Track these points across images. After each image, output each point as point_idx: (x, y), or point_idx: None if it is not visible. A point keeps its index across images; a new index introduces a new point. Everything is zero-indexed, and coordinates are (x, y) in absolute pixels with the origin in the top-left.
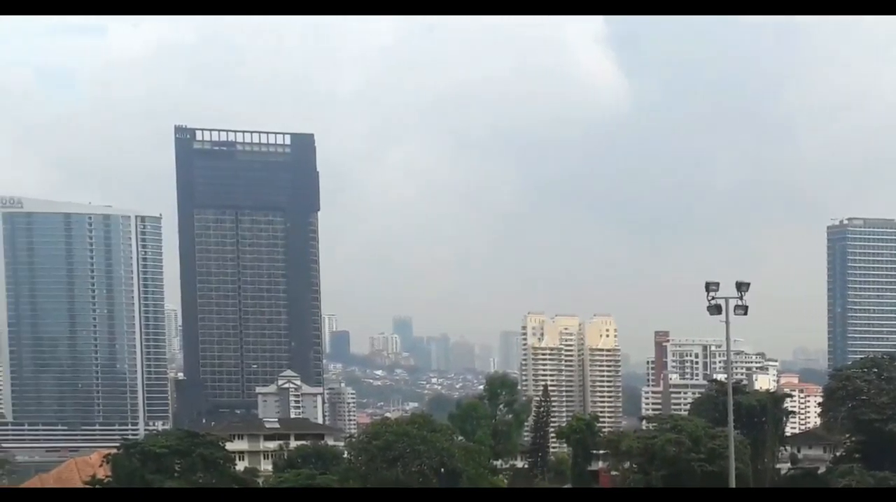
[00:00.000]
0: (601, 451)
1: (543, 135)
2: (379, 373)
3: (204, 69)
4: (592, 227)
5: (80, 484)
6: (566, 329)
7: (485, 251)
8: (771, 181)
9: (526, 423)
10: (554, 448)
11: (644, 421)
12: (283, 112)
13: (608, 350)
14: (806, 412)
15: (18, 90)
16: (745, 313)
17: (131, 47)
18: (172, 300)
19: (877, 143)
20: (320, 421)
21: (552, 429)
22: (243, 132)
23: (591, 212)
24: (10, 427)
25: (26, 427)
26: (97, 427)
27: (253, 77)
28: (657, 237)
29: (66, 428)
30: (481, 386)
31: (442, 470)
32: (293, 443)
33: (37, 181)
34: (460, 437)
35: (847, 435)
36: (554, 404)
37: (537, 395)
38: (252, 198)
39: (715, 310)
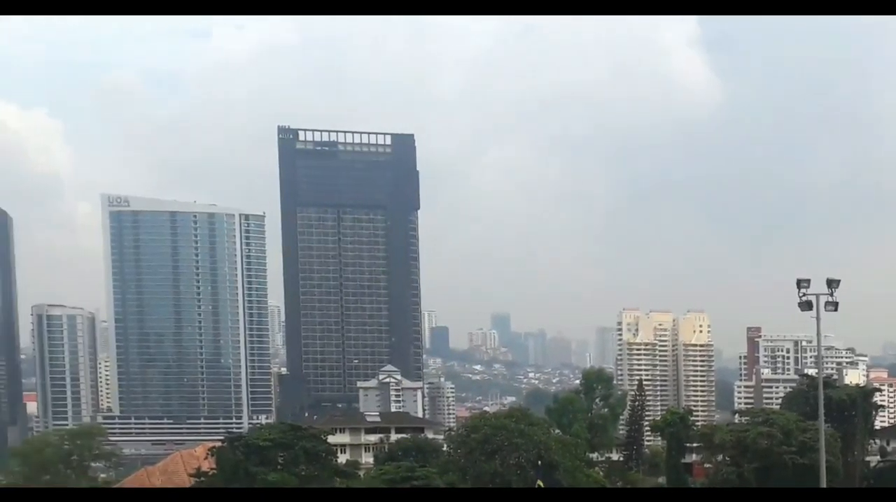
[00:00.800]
0: (695, 444)
1: (640, 135)
2: (477, 367)
3: (306, 71)
4: (687, 226)
5: (185, 477)
6: (660, 325)
7: (581, 249)
8: (867, 181)
9: (621, 417)
10: (649, 441)
11: (736, 415)
12: (384, 113)
13: (701, 345)
14: (895, 406)
15: (127, 92)
16: (836, 309)
17: (235, 50)
18: (276, 296)
19: None
20: (420, 414)
21: (647, 423)
22: (345, 132)
23: (687, 211)
24: (117, 420)
25: (133, 420)
26: (202, 420)
27: (354, 78)
28: (752, 236)
29: (171, 421)
30: (577, 381)
31: (539, 462)
32: (394, 437)
33: (144, 180)
34: (557, 431)
35: None
36: (648, 398)
37: (632, 390)
38: (353, 197)
39: (806, 306)
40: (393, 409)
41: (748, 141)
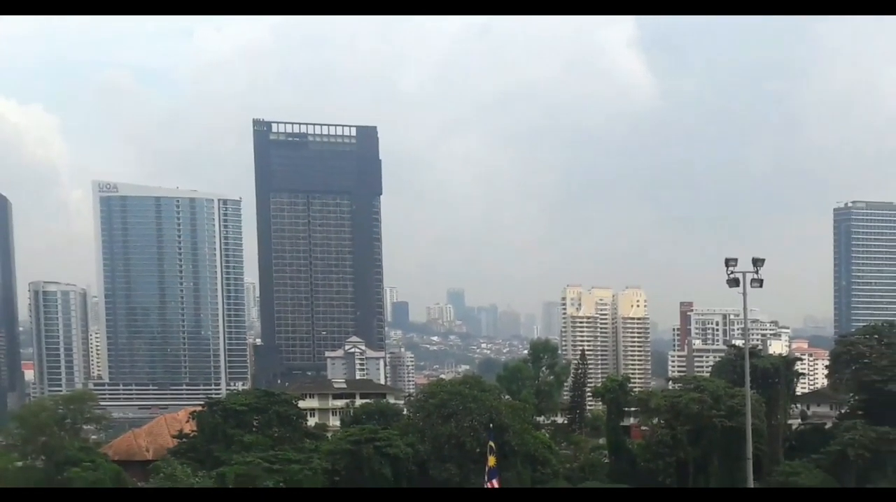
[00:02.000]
0: (632, 409)
1: (585, 128)
2: (434, 339)
3: (281, 68)
4: (628, 211)
5: (168, 439)
6: (601, 300)
7: (531, 232)
8: (792, 170)
9: (565, 384)
10: (590, 406)
11: (670, 382)
12: (352, 107)
13: (638, 318)
14: (814, 374)
15: (117, 89)
16: (761, 286)
17: (215, 49)
18: (251, 274)
19: (881, 135)
20: (383, 381)
21: (588, 389)
22: (314, 125)
23: (628, 197)
24: (106, 387)
25: (121, 387)
26: (184, 387)
27: (326, 75)
28: (687, 220)
29: (156, 387)
30: (525, 351)
31: (491, 425)
32: (358, 402)
33: (132, 169)
34: (507, 396)
35: (851, 395)
36: (590, 367)
37: (575, 359)
38: (321, 184)
39: (733, 282)
40: (357, 377)
41: (683, 133)
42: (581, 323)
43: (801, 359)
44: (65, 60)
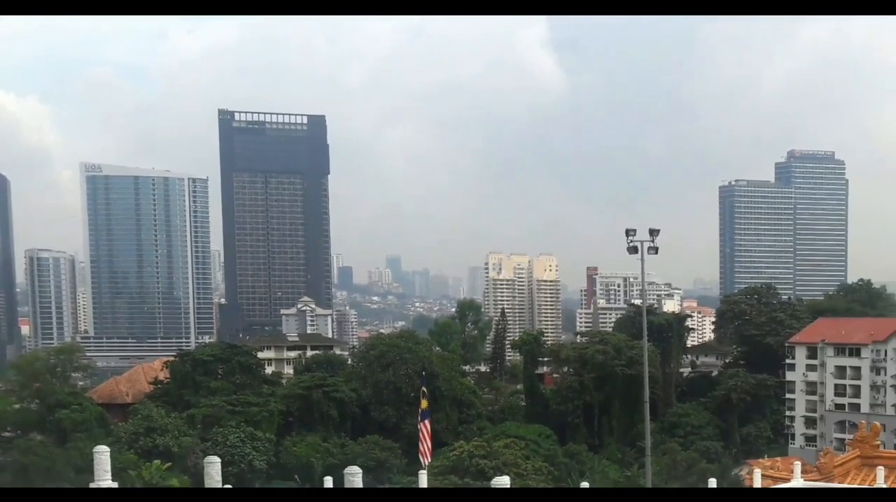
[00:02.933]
0: (545, 359)
1: (504, 117)
2: (375, 298)
3: (241, 65)
4: (542, 188)
5: (145, 385)
6: (519, 265)
7: (458, 205)
8: (681, 152)
9: (487, 338)
10: (509, 357)
11: (578, 336)
12: (303, 98)
13: (551, 281)
14: (702, 329)
15: (102, 83)
16: (656, 252)
17: (185, 49)
18: (216, 243)
19: (759, 122)
20: (330, 335)
21: (507, 342)
22: (270, 114)
23: (542, 176)
24: (91, 340)
25: (104, 340)
26: (158, 340)
27: (280, 70)
28: (592, 196)
29: (134, 340)
30: (453, 309)
31: (423, 373)
32: (309, 353)
33: (114, 152)
34: (437, 348)
35: (734, 347)
36: (508, 323)
37: (496, 316)
38: (277, 165)
39: (632, 250)
40: (308, 331)
41: (589, 121)
42: (501, 285)
43: (690, 317)
44: (57, 58)
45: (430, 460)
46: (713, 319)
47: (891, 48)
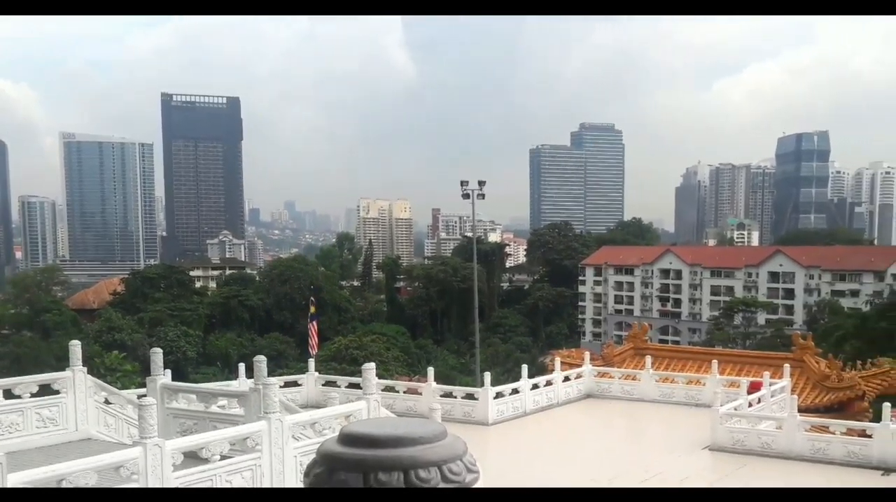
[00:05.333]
0: (401, 276)
1: (376, 96)
2: (276, 232)
3: (181, 58)
4: (403, 150)
5: (107, 296)
6: (382, 207)
7: (341, 162)
8: (505, 124)
9: (359, 261)
10: (375, 275)
11: (425, 260)
12: (224, 82)
13: (405, 219)
14: (517, 254)
15: (76, 73)
16: (483, 198)
17: (140, 46)
18: (160, 190)
19: (561, 102)
20: (243, 259)
21: (374, 264)
22: (199, 95)
23: (406, 141)
24: (67, 262)
25: (77, 262)
26: (117, 262)
27: (208, 60)
28: (440, 156)
29: (99, 263)
30: (334, 240)
31: (312, 286)
32: (227, 272)
33: (87, 124)
34: (322, 268)
35: (540, 268)
36: (374, 250)
37: (366, 245)
38: (204, 133)
39: (466, 196)
40: (227, 256)
41: (440, 100)
42: (369, 222)
43: (508, 245)
44: (42, 54)
45: (316, 351)
46: (525, 247)
47: (658, 48)
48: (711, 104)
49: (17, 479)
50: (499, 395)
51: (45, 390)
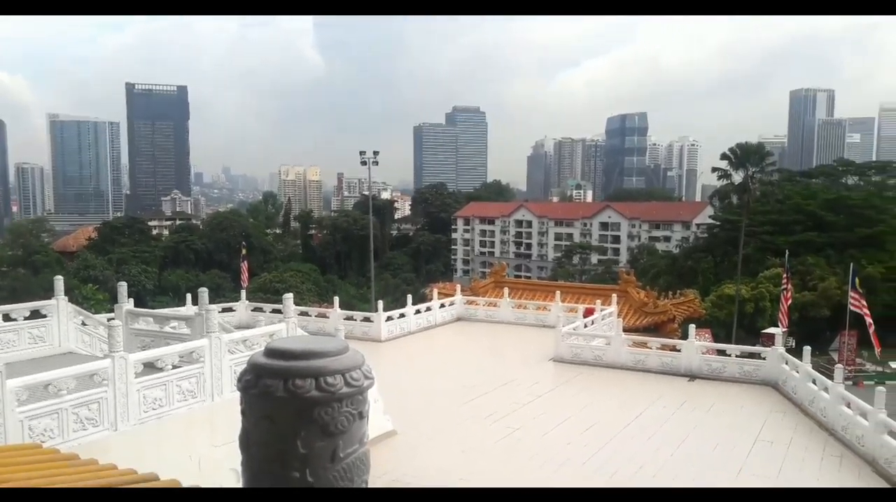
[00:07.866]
0: (313, 226)
1: (293, 85)
2: (216, 191)
3: (142, 54)
4: (317, 126)
5: (85, 241)
6: (298, 171)
7: (266, 135)
8: (395, 104)
9: (280, 215)
10: (293, 225)
11: (333, 213)
12: (177, 73)
13: (317, 181)
14: (404, 209)
15: (59, 69)
16: (377, 164)
17: (111, 44)
18: (125, 158)
19: (440, 85)
20: (190, 212)
21: (292, 217)
22: (156, 84)
23: (318, 119)
24: (53, 215)
25: (61, 215)
26: (91, 214)
27: (164, 56)
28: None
29: (78, 215)
30: (261, 197)
31: (243, 233)
32: (178, 222)
33: (69, 106)
34: (251, 219)
35: (422, 219)
36: (292, 206)
37: (286, 201)
38: (159, 113)
39: (363, 163)
40: (178, 210)
41: (342, 87)
42: (288, 183)
43: (397, 201)
44: (36, 50)
45: (247, 285)
46: (410, 203)
47: (513, 46)
48: (556, 91)
49: (14, 384)
50: (389, 319)
51: (36, 314)
